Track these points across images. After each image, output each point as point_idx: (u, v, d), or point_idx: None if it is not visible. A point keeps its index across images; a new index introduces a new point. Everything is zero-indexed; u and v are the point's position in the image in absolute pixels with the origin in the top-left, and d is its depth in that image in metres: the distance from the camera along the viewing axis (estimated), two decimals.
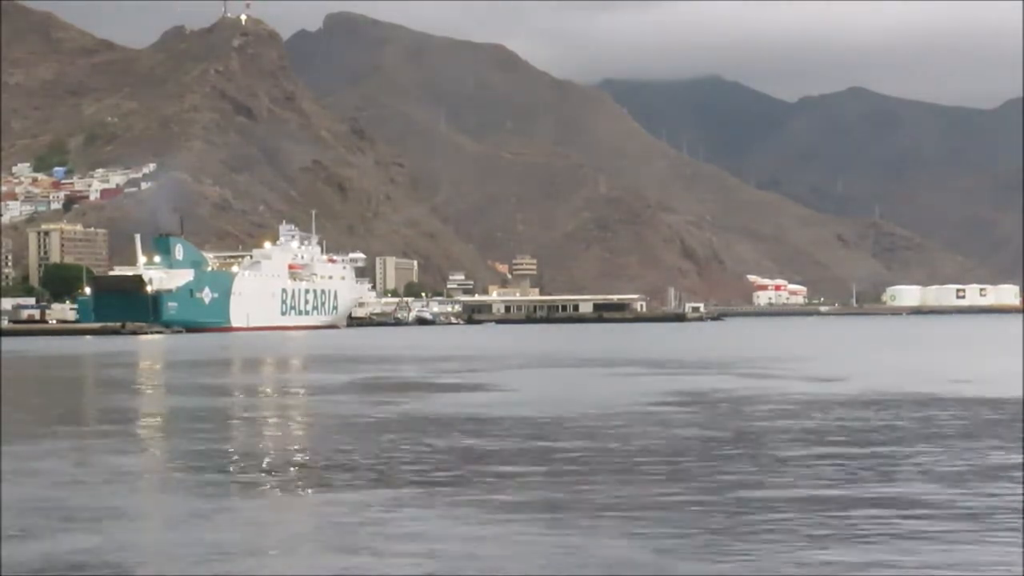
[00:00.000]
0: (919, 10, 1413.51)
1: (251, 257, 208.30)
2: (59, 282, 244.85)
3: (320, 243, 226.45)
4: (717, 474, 23.30)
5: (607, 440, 29.11)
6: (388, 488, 21.82)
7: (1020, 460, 24.74)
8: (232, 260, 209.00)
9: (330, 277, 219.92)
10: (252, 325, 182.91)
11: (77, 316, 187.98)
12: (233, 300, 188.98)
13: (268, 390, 52.92)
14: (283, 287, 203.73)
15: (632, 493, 20.96)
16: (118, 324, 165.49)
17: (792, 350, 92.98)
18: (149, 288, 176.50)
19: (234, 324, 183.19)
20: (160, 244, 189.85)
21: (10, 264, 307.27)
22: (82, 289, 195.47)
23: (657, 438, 29.57)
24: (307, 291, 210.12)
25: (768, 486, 21.62)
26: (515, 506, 19.65)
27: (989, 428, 31.41)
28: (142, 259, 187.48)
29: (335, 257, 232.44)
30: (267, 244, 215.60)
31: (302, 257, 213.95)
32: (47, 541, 17.24)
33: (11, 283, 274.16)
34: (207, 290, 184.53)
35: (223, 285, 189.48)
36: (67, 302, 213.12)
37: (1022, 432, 29.92)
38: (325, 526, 18.28)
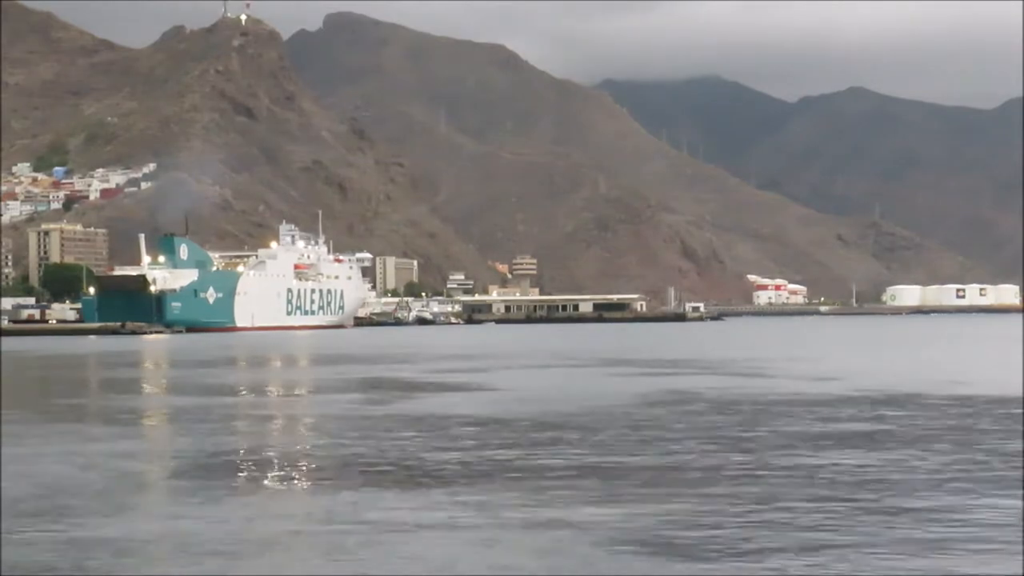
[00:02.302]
0: (919, 10, 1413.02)
1: (256, 257, 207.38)
2: (59, 282, 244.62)
3: (327, 243, 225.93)
4: (711, 475, 23.37)
5: (607, 439, 29.18)
6: (388, 487, 21.89)
7: (1019, 458, 24.80)
8: (238, 260, 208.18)
9: (336, 277, 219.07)
10: (257, 325, 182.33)
11: (78, 316, 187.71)
12: (238, 300, 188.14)
13: (276, 389, 53.00)
14: (288, 287, 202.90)
15: (631, 492, 21.04)
16: (118, 324, 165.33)
17: (792, 350, 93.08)
18: (153, 288, 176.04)
19: (239, 324, 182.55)
20: (165, 244, 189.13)
21: (10, 264, 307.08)
22: (86, 289, 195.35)
23: (656, 437, 29.65)
24: (313, 291, 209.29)
25: (765, 486, 21.68)
26: (515, 506, 19.72)
27: (989, 426, 31.48)
28: (146, 259, 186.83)
29: (341, 257, 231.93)
30: (273, 244, 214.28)
31: (308, 257, 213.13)
32: (47, 541, 17.31)
33: (11, 283, 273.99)
34: (211, 290, 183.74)
35: (228, 285, 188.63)
36: (67, 302, 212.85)
37: (1022, 429, 29.98)
38: (324, 525, 18.35)
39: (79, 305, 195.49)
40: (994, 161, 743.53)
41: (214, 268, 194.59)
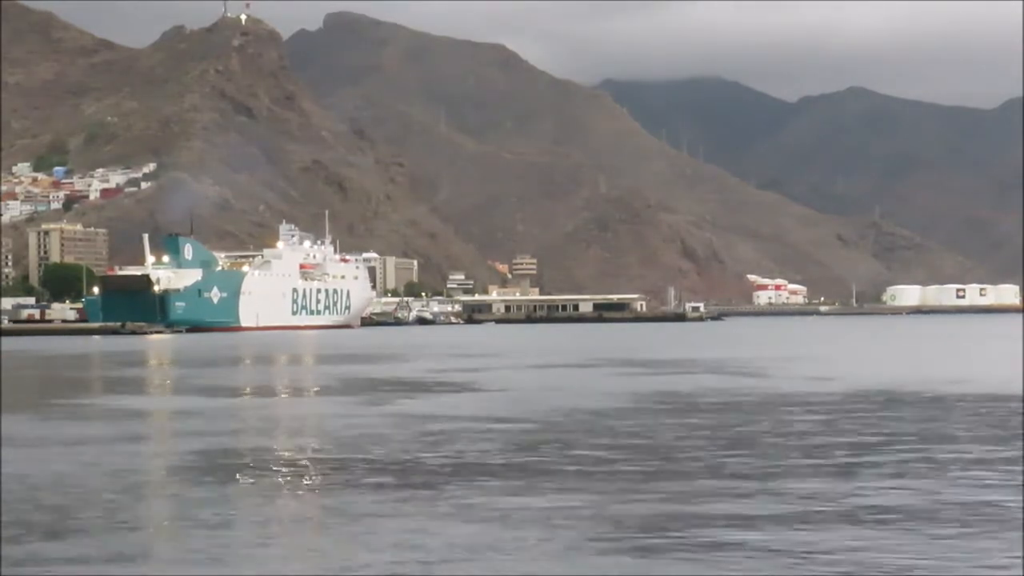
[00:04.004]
0: (919, 10, 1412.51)
1: (262, 257, 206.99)
2: (59, 282, 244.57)
3: (334, 243, 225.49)
4: (707, 473, 23.40)
5: (607, 438, 29.21)
6: (391, 487, 21.92)
7: (1019, 457, 24.81)
8: (243, 260, 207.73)
9: (342, 277, 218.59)
10: (262, 325, 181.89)
11: (78, 316, 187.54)
12: (242, 300, 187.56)
13: (281, 388, 53.02)
14: (294, 287, 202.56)
15: (629, 492, 21.06)
16: (118, 324, 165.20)
17: (792, 350, 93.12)
18: (156, 288, 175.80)
19: (243, 324, 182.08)
20: (169, 244, 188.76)
21: (10, 264, 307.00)
22: (89, 290, 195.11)
23: (654, 436, 29.68)
24: (319, 291, 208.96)
25: (763, 485, 21.71)
26: (512, 507, 19.75)
27: (986, 425, 31.51)
28: (150, 259, 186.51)
29: (348, 256, 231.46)
30: (280, 244, 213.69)
31: (314, 257, 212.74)
32: (48, 542, 17.33)
33: (11, 283, 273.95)
34: (215, 290, 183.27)
35: (232, 285, 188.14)
36: (67, 302, 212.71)
37: (1022, 427, 29.99)
38: (324, 525, 18.38)
39: (79, 305, 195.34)
40: (994, 161, 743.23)
41: (219, 268, 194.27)
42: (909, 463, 24.14)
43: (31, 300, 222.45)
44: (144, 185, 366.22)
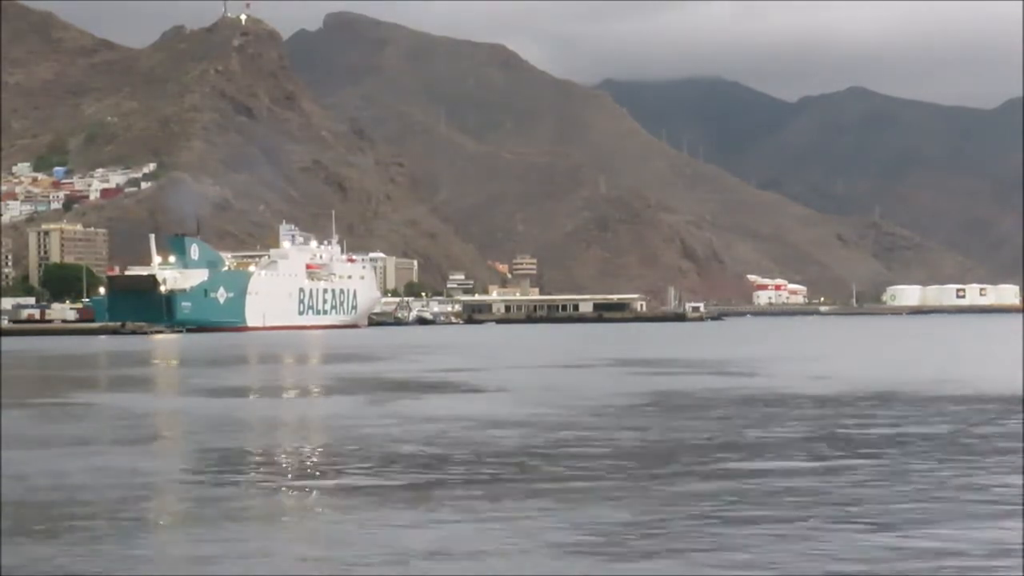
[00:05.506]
0: (919, 10, 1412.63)
1: (268, 257, 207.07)
2: (59, 282, 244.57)
3: (340, 243, 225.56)
4: (707, 472, 23.43)
5: (607, 438, 29.24)
6: (390, 488, 21.96)
7: (1018, 456, 24.84)
8: (249, 260, 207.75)
9: (349, 277, 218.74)
10: (268, 325, 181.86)
11: (78, 316, 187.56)
12: (249, 300, 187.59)
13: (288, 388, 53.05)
14: (300, 287, 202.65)
15: (629, 491, 21.10)
16: (118, 324, 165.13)
17: (792, 349, 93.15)
18: (163, 288, 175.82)
19: (250, 324, 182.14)
20: (175, 244, 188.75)
21: (10, 264, 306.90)
22: (92, 290, 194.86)
23: (654, 435, 29.71)
24: (325, 291, 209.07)
25: (760, 485, 21.74)
26: (513, 507, 19.79)
27: (986, 424, 31.53)
28: (156, 259, 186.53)
29: (354, 256, 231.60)
30: (286, 244, 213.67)
31: (320, 257, 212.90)
32: (50, 541, 17.36)
33: (11, 283, 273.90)
34: (222, 290, 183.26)
35: (239, 285, 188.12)
36: (67, 302, 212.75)
37: (1022, 426, 30.02)
38: (326, 525, 18.42)
39: (80, 305, 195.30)
40: (994, 161, 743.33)
41: (225, 268, 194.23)
42: (907, 462, 24.17)
43: (31, 300, 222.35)
44: (144, 185, 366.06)
